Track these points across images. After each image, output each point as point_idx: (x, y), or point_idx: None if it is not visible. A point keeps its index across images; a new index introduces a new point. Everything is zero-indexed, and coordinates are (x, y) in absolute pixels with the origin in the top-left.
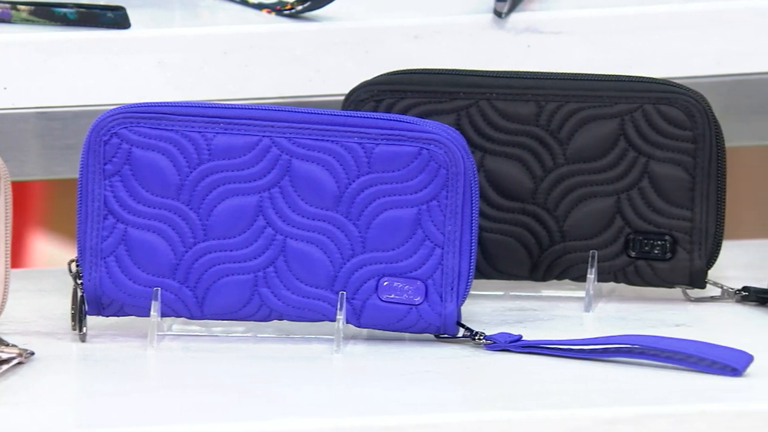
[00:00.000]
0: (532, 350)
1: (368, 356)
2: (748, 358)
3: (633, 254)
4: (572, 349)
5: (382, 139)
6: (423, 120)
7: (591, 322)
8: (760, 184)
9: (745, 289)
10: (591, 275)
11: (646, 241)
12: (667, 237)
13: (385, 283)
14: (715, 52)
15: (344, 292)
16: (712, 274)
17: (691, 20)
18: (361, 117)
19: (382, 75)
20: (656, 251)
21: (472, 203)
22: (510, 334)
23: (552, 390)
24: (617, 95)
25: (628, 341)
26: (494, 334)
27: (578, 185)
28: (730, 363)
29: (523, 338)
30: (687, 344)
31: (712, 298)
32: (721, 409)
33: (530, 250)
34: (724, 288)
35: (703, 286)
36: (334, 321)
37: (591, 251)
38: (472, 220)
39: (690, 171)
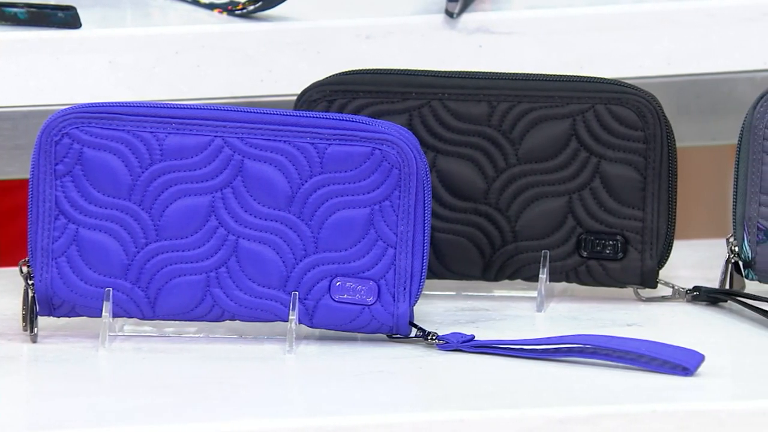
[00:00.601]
0: (484, 350)
1: (321, 356)
2: (699, 358)
3: (585, 254)
4: (525, 349)
5: (334, 140)
6: (375, 120)
7: (543, 322)
8: (711, 184)
9: (695, 288)
10: (543, 275)
11: (597, 241)
12: (618, 237)
13: (338, 284)
14: (665, 53)
15: (297, 293)
16: (663, 273)
17: (642, 21)
18: (313, 117)
19: (334, 75)
20: (608, 251)
21: (424, 203)
22: (462, 334)
23: (504, 390)
24: (569, 95)
25: (581, 341)
26: (447, 334)
27: (530, 185)
28: (681, 363)
29: (475, 338)
30: (639, 344)
31: (663, 298)
32: (673, 408)
33: (482, 250)
34: (675, 288)
35: (654, 286)
36: (287, 321)
37: (543, 251)
38: (424, 220)
39: (641, 171)
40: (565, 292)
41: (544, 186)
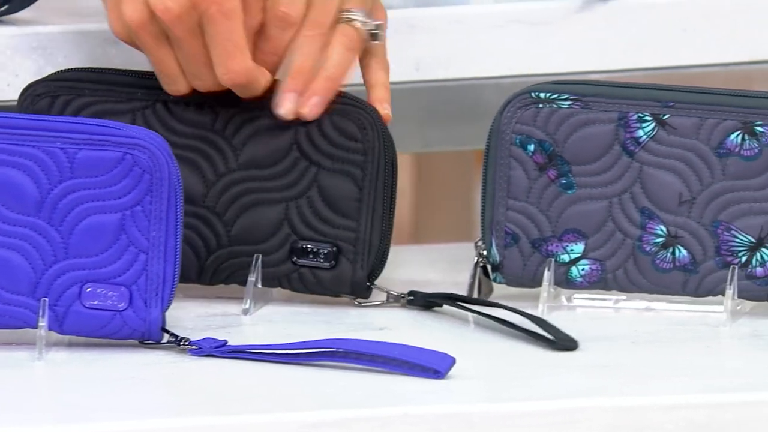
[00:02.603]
0: (237, 355)
1: (71, 363)
2: (450, 361)
3: (297, 261)
4: (277, 354)
5: (84, 144)
6: (127, 125)
7: (295, 327)
8: (456, 187)
9: (411, 293)
10: (252, 278)
11: (310, 249)
12: (331, 247)
13: (89, 290)
14: (414, 58)
15: (46, 299)
16: (416, 276)
17: (390, 26)
18: (63, 122)
19: (61, 71)
20: (320, 260)
21: (176, 208)
22: (215, 340)
23: (257, 394)
24: None
25: (333, 345)
26: (199, 340)
27: (249, 191)
28: (432, 366)
29: (228, 343)
30: (390, 347)
31: (381, 304)
32: (425, 411)
33: (198, 253)
34: (390, 293)
35: (365, 296)
36: (36, 328)
37: (255, 255)
38: (176, 225)
39: (358, 183)
40: (315, 297)
41: (262, 193)
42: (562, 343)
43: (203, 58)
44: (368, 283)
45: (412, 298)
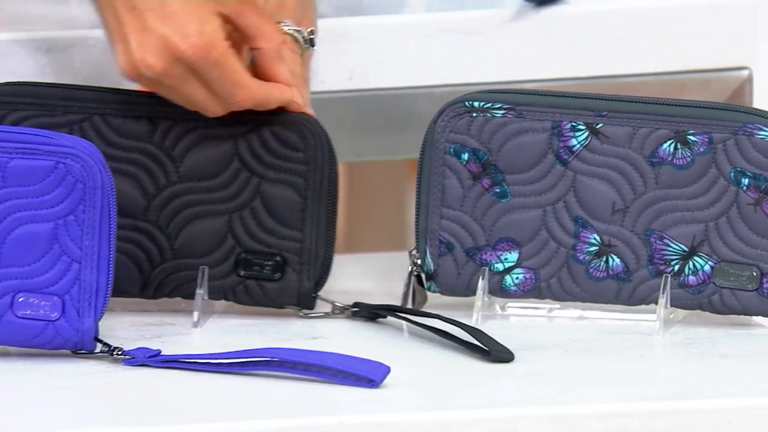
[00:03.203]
0: (171, 365)
1: (3, 373)
2: (385, 370)
3: (243, 273)
4: (212, 363)
5: (17, 153)
6: (60, 134)
7: (229, 336)
8: (389, 197)
9: (356, 305)
10: (200, 290)
11: (256, 261)
12: (277, 258)
13: (21, 299)
14: (347, 68)
15: None
16: (350, 285)
17: (323, 36)
18: None
19: None
20: (266, 271)
21: (110, 218)
22: (149, 349)
23: (191, 404)
24: (234, 115)
25: (267, 354)
26: (132, 350)
27: (191, 204)
28: (367, 375)
29: (162, 353)
30: (325, 356)
31: (326, 315)
32: (360, 420)
33: (141, 267)
34: (336, 304)
35: (311, 307)
36: None
37: (201, 267)
38: (110, 234)
39: (301, 193)
40: (254, 307)
41: (204, 205)
42: (498, 354)
43: (207, 93)
44: (314, 294)
45: (357, 309)
